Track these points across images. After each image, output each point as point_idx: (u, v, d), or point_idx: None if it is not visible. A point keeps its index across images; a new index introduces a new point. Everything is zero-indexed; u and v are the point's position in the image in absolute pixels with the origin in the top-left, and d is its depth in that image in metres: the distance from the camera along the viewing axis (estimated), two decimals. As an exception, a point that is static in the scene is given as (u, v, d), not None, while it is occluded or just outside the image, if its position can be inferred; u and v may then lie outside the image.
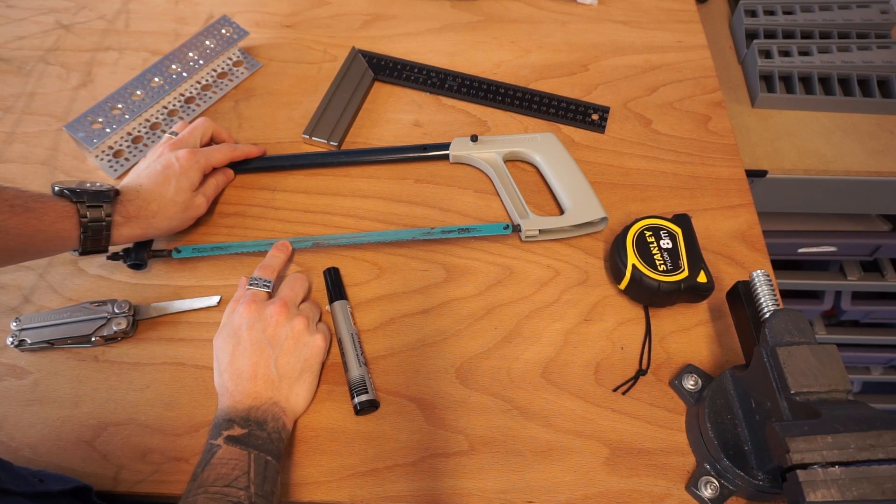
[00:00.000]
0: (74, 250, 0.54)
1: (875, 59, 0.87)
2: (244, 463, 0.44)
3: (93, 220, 0.52)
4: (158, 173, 0.57)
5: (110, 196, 0.53)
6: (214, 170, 0.63)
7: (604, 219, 0.61)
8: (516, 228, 0.61)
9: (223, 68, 0.74)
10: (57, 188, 0.53)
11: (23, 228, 0.49)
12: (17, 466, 0.45)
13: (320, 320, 0.56)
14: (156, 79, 0.70)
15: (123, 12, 0.81)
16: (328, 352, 0.55)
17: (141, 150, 0.68)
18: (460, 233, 0.61)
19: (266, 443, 0.46)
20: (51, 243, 0.51)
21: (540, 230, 0.60)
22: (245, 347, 0.50)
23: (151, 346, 0.56)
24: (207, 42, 0.73)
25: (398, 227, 0.63)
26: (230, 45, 0.74)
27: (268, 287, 0.54)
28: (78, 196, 0.52)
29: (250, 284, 0.54)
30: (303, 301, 0.56)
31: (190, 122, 0.64)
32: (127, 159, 0.67)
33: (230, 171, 0.65)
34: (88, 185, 0.54)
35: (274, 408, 0.49)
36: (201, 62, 0.72)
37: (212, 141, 0.64)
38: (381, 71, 0.74)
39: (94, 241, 0.53)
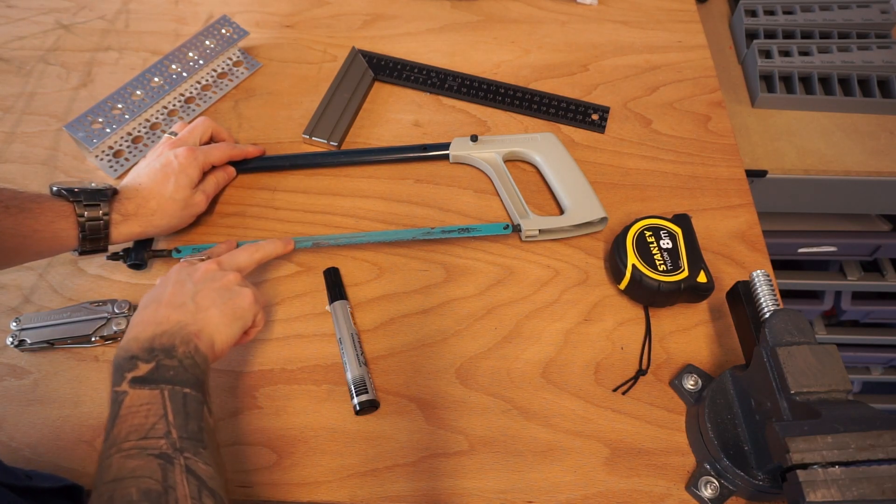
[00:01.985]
0: (74, 250, 0.54)
1: (875, 59, 0.87)
2: (158, 405, 0.39)
3: (90, 219, 0.52)
4: (157, 171, 0.57)
5: (108, 195, 0.53)
6: (215, 168, 0.63)
7: (604, 219, 0.61)
8: (516, 228, 0.61)
9: (223, 68, 0.74)
10: (55, 188, 0.53)
11: (19, 229, 0.48)
12: (6, 464, 0.45)
13: (260, 296, 0.52)
14: (156, 79, 0.70)
15: (123, 12, 0.81)
16: (260, 317, 0.51)
17: (141, 150, 0.68)
18: (460, 233, 0.61)
19: (179, 372, 0.41)
20: (48, 243, 0.51)
21: (540, 230, 0.60)
22: (166, 285, 0.47)
23: (151, 346, 0.56)
24: (207, 42, 0.73)
25: (398, 227, 0.63)
26: (230, 45, 0.74)
27: (202, 258, 0.53)
28: (75, 195, 0.52)
29: (183, 259, 0.53)
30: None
31: (189, 122, 0.64)
32: (127, 159, 0.67)
33: (231, 169, 0.65)
34: (87, 184, 0.54)
35: (183, 330, 0.43)
36: (201, 62, 0.72)
37: (211, 140, 0.64)
38: (381, 71, 0.74)
39: (92, 240, 0.53)
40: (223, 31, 0.74)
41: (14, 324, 0.55)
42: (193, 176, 0.58)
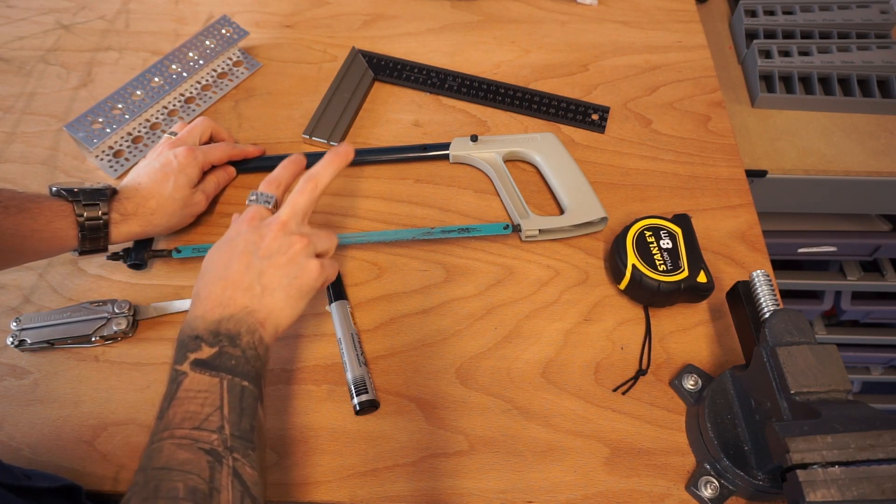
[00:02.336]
0: (73, 250, 0.54)
1: (875, 59, 0.87)
2: (216, 395, 0.39)
3: (89, 218, 0.52)
4: (157, 171, 0.57)
5: (107, 194, 0.53)
6: (215, 168, 0.63)
7: (604, 219, 0.61)
8: (516, 228, 0.61)
9: (223, 68, 0.74)
10: (54, 189, 0.53)
11: (18, 229, 0.48)
12: (4, 463, 0.45)
13: (326, 249, 0.50)
14: (156, 79, 0.70)
15: (123, 12, 0.81)
16: (323, 284, 0.49)
17: (141, 150, 0.68)
18: (460, 233, 0.61)
19: (241, 363, 0.41)
20: (48, 244, 0.51)
21: (540, 230, 0.60)
22: (231, 255, 0.45)
23: (151, 346, 0.56)
24: (207, 42, 0.73)
25: (398, 227, 0.63)
26: (230, 45, 0.74)
27: (269, 203, 0.49)
28: (74, 195, 0.52)
29: (250, 200, 0.50)
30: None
31: (189, 122, 0.64)
32: (127, 159, 0.67)
33: (231, 169, 0.65)
34: (86, 184, 0.54)
35: (249, 317, 0.43)
36: (201, 62, 0.72)
37: (211, 140, 0.64)
38: (381, 71, 0.74)
39: (92, 240, 0.53)
40: (223, 31, 0.74)
41: (14, 324, 0.55)
42: (193, 176, 0.58)
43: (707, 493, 0.47)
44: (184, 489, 0.35)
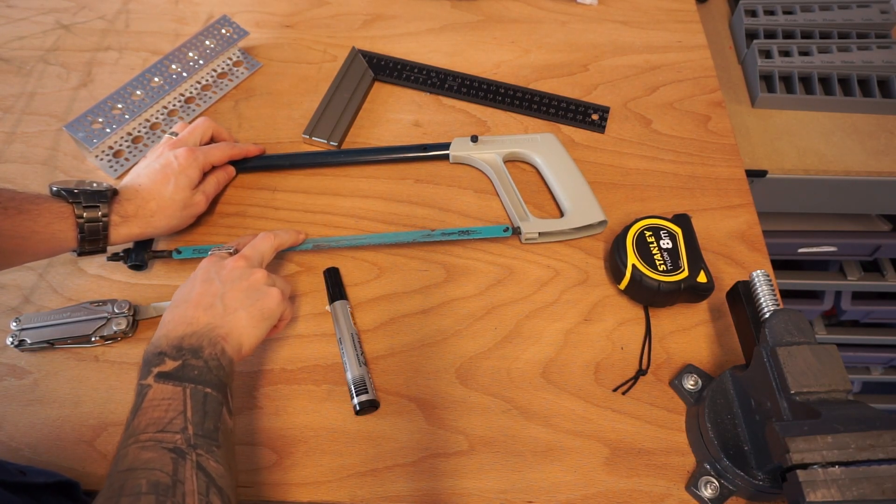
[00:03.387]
0: (73, 251, 0.54)
1: (875, 59, 0.87)
2: (179, 401, 0.40)
3: (89, 220, 0.52)
4: (157, 172, 0.57)
5: (107, 196, 0.53)
6: (215, 168, 0.63)
7: (603, 222, 0.61)
8: (516, 231, 0.61)
9: (223, 68, 0.74)
10: (54, 188, 0.53)
11: (17, 230, 0.48)
12: (1, 460, 0.45)
13: (286, 289, 0.53)
14: (156, 79, 0.70)
15: (123, 12, 0.81)
16: (285, 317, 0.52)
17: (141, 150, 0.68)
18: (460, 235, 0.61)
19: (203, 373, 0.42)
20: (47, 245, 0.51)
21: (539, 233, 0.60)
22: (194, 284, 0.48)
23: (151, 346, 0.56)
24: (207, 42, 0.73)
25: (398, 226, 0.63)
26: (230, 45, 0.74)
27: (230, 251, 0.53)
28: (74, 196, 0.52)
29: (211, 252, 0.53)
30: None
31: (190, 122, 0.64)
32: (127, 159, 0.67)
33: (231, 169, 0.65)
34: (87, 185, 0.54)
35: (212, 332, 0.44)
36: (201, 62, 0.72)
37: (212, 140, 0.64)
38: (381, 71, 0.74)
39: (91, 241, 0.53)
40: (223, 31, 0.74)
41: (14, 324, 0.55)
42: (193, 177, 0.58)
43: (707, 493, 0.47)
44: (146, 484, 0.35)
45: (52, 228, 0.51)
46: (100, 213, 0.52)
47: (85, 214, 0.52)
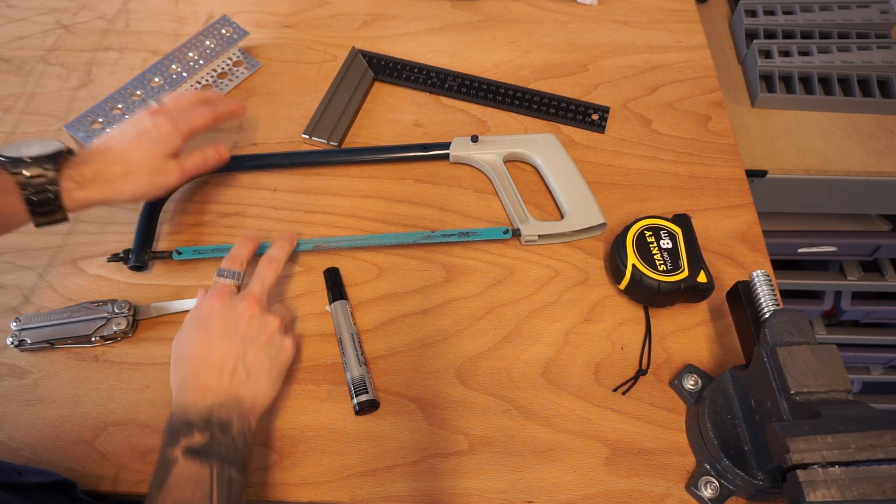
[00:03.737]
0: (33, 224, 0.50)
1: (875, 59, 0.87)
2: (206, 483, 0.40)
3: (37, 191, 0.48)
4: (130, 137, 0.53)
5: (55, 159, 0.49)
6: (205, 146, 0.60)
7: (602, 224, 0.61)
8: (516, 233, 0.61)
9: (223, 68, 0.74)
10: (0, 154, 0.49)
11: None
12: None
13: (293, 324, 0.54)
14: (156, 79, 0.70)
15: (123, 12, 0.81)
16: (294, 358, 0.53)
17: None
18: (460, 237, 0.61)
19: (230, 451, 0.42)
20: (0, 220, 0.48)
21: (539, 235, 0.60)
22: (213, 338, 0.46)
23: (151, 346, 0.56)
24: (207, 42, 0.73)
25: (398, 227, 0.63)
26: (230, 45, 0.74)
27: (238, 279, 0.51)
28: (14, 165, 0.47)
29: (218, 276, 0.50)
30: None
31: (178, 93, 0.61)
32: (127, 159, 0.67)
33: (224, 150, 0.61)
34: (31, 147, 0.49)
35: (239, 405, 0.44)
36: (201, 62, 0.72)
37: None
38: (381, 71, 0.74)
39: (44, 213, 0.49)
40: (223, 31, 0.74)
41: (14, 324, 0.55)
42: (171, 145, 0.55)
43: (707, 493, 0.47)
44: None
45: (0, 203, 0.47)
46: (46, 180, 0.48)
47: (31, 184, 0.47)
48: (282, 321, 0.50)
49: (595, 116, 0.70)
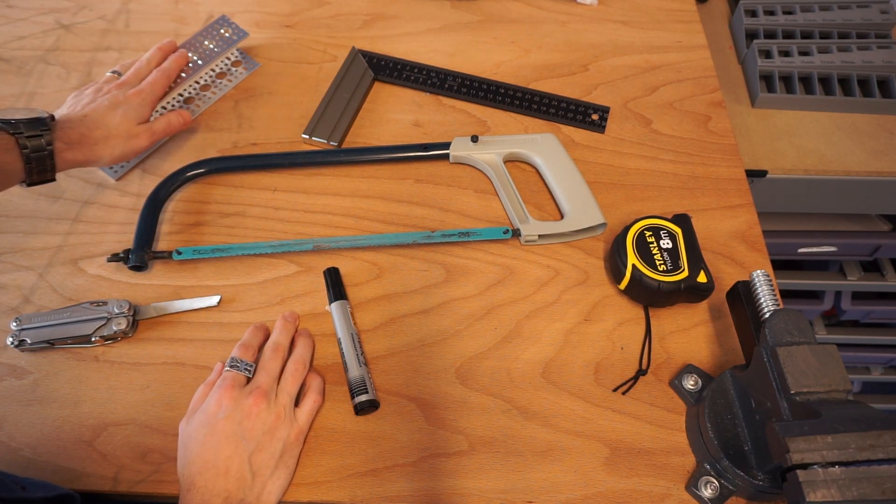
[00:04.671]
0: (21, 182, 0.54)
1: (875, 59, 0.87)
2: None
3: (35, 150, 0.52)
4: (105, 107, 0.59)
5: (48, 123, 0.54)
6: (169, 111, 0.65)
7: (602, 224, 0.61)
8: (516, 233, 0.61)
9: (222, 68, 0.74)
10: None
11: None
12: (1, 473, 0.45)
13: (307, 377, 0.53)
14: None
15: (123, 12, 0.81)
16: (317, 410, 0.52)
17: (141, 150, 0.68)
18: (460, 237, 0.61)
19: None
20: None
21: (539, 235, 0.60)
22: (219, 439, 0.46)
23: (151, 346, 0.56)
24: (207, 43, 0.73)
25: (398, 227, 0.63)
26: (230, 45, 0.74)
27: (249, 371, 0.51)
28: (14, 127, 0.52)
29: (230, 366, 0.50)
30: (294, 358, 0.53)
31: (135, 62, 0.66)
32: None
33: (186, 114, 0.66)
34: (23, 112, 0.54)
35: None
36: (200, 63, 0.72)
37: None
38: (381, 71, 0.74)
39: (39, 171, 0.54)
40: (222, 31, 0.74)
41: (14, 324, 0.55)
42: (143, 113, 0.62)
43: (707, 493, 0.47)
44: None
45: None
46: (43, 140, 0.52)
47: (29, 144, 0.52)
48: (286, 407, 0.49)
49: (595, 116, 0.70)
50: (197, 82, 0.73)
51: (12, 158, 0.51)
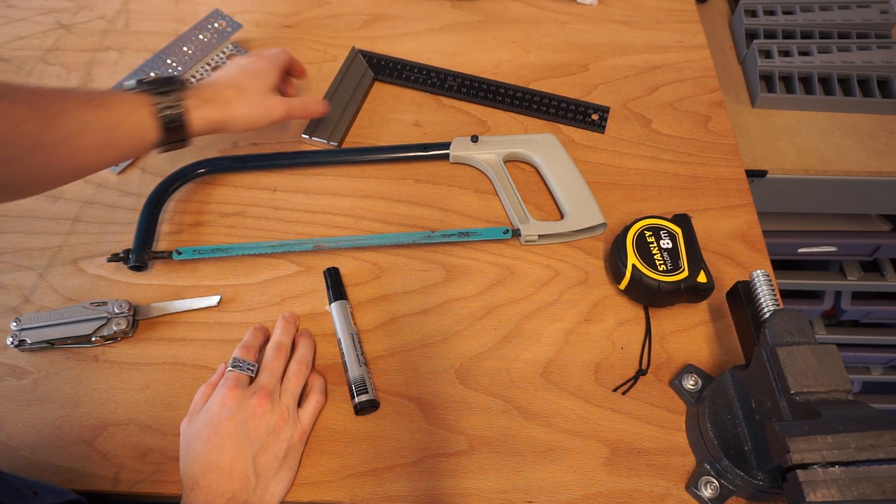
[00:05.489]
0: (158, 147, 0.54)
1: (875, 59, 0.87)
2: None
3: (168, 106, 0.52)
4: (234, 71, 0.59)
5: (178, 80, 0.54)
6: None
7: (602, 224, 0.61)
8: (516, 233, 0.61)
9: (217, 62, 0.74)
10: (125, 83, 0.54)
11: (103, 121, 0.49)
12: (10, 476, 0.44)
13: (309, 376, 0.53)
14: (151, 74, 0.70)
15: (123, 12, 0.81)
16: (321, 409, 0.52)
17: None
18: (460, 237, 0.61)
19: None
20: (132, 137, 0.51)
21: (539, 235, 0.60)
22: (222, 439, 0.46)
23: (151, 346, 0.56)
24: (201, 36, 0.73)
25: (398, 227, 0.63)
26: (224, 38, 0.74)
27: (252, 371, 0.51)
28: (146, 85, 0.53)
29: (233, 366, 0.50)
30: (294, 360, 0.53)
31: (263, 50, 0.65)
32: (127, 159, 0.67)
33: (325, 103, 0.65)
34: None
35: None
36: (196, 56, 0.72)
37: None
38: (381, 71, 0.74)
39: (172, 129, 0.53)
40: (216, 24, 0.74)
41: (14, 324, 0.55)
42: (273, 78, 0.61)
43: (707, 493, 0.47)
44: None
45: (133, 118, 0.51)
46: (175, 97, 0.52)
47: (162, 101, 0.52)
48: (289, 408, 0.49)
49: (595, 116, 0.70)
50: (193, 77, 0.73)
51: (147, 115, 0.51)
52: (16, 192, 0.49)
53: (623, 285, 0.56)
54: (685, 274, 0.54)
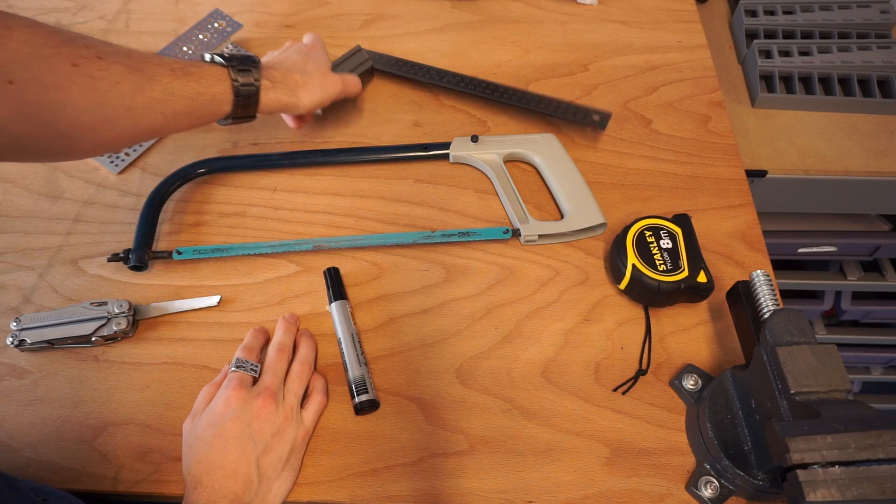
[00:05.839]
0: (225, 119, 0.56)
1: (875, 59, 0.87)
2: None
3: (244, 84, 0.54)
4: (296, 55, 0.62)
5: (256, 62, 0.57)
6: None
7: (602, 224, 0.61)
8: (516, 233, 0.61)
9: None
10: (207, 56, 0.56)
11: (186, 90, 0.51)
12: (20, 481, 0.44)
13: (321, 387, 0.53)
14: (225, 49, 0.70)
15: (123, 12, 0.81)
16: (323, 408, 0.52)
17: (140, 144, 0.68)
18: (460, 237, 0.61)
19: None
20: (209, 107, 0.53)
21: (539, 235, 0.60)
22: (227, 440, 0.46)
23: (151, 346, 0.56)
24: (201, 36, 0.73)
25: (398, 226, 0.63)
26: (224, 38, 0.74)
27: (255, 371, 0.51)
28: (229, 61, 0.54)
29: (237, 367, 0.50)
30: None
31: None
32: (127, 154, 0.67)
33: (358, 81, 0.68)
34: (235, 51, 0.57)
35: None
36: (197, 56, 0.72)
37: None
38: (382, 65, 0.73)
39: (244, 105, 0.55)
40: (216, 24, 0.74)
41: (14, 324, 0.55)
42: (328, 60, 0.65)
43: (707, 493, 0.47)
44: None
45: (212, 91, 0.53)
46: (252, 77, 0.55)
47: (240, 78, 0.54)
48: (293, 408, 0.49)
49: (595, 116, 0.70)
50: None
51: (224, 89, 0.53)
52: (88, 152, 0.51)
53: (623, 285, 0.56)
54: (685, 274, 0.54)
